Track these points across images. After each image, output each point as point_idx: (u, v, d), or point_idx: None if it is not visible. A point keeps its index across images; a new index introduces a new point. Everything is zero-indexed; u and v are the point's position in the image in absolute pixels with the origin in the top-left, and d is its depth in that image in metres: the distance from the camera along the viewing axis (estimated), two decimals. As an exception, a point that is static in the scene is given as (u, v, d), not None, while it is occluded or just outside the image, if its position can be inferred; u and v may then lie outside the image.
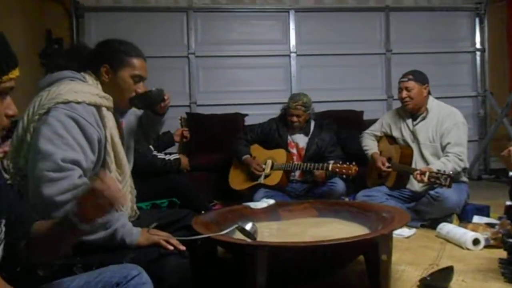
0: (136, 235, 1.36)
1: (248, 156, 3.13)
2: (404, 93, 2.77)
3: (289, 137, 3.12)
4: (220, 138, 3.85)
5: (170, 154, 2.83)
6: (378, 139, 3.05)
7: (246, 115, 4.22)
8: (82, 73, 1.48)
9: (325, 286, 1.72)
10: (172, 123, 3.97)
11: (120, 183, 1.49)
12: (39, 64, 4.15)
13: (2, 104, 0.85)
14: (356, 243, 1.47)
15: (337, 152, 3.05)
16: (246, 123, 4.15)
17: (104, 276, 1.04)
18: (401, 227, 1.75)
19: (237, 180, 3.21)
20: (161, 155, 2.64)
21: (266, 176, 3.06)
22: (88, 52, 1.55)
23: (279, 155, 3.09)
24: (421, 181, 2.42)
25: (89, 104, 1.39)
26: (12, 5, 3.73)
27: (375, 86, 4.65)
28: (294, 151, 3.12)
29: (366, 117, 4.20)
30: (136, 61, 1.53)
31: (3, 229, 0.92)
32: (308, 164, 2.88)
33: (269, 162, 3.09)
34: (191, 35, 4.43)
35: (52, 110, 1.33)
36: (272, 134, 3.14)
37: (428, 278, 1.70)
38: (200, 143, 3.92)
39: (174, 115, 4.24)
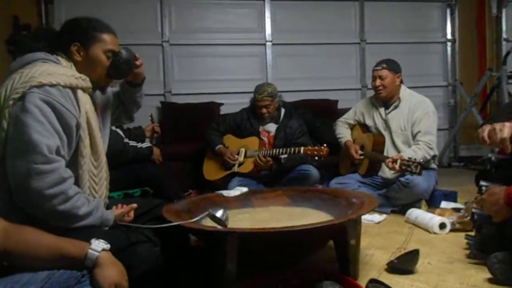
0: (111, 218, 1.43)
1: (221, 146, 3.13)
2: (378, 82, 2.81)
3: (260, 125, 3.13)
4: (195, 127, 3.83)
5: (142, 142, 2.80)
6: (352, 127, 3.10)
7: (222, 104, 4.21)
8: (55, 56, 1.43)
9: (296, 272, 1.74)
10: (145, 111, 3.94)
11: (96, 169, 1.46)
12: (6, 51, 4.01)
13: None
14: (325, 228, 1.49)
15: (303, 139, 3.04)
16: (222, 112, 4.13)
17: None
18: (369, 212, 1.79)
19: (211, 171, 3.20)
20: (133, 143, 2.61)
21: (240, 165, 3.06)
22: (56, 32, 1.50)
23: (252, 143, 3.10)
24: (392, 168, 2.48)
25: (65, 87, 1.34)
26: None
27: (349, 75, 4.70)
28: (265, 139, 3.13)
29: (340, 106, 4.24)
30: (106, 36, 1.49)
31: None
32: (280, 150, 2.90)
33: (242, 150, 3.10)
34: (165, 22, 4.35)
35: (27, 95, 1.28)
36: (244, 124, 3.15)
37: (395, 261, 1.75)
38: (176, 132, 3.89)
39: (149, 104, 4.20)
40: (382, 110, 2.91)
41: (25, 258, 1.05)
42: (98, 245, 1.07)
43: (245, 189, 2.15)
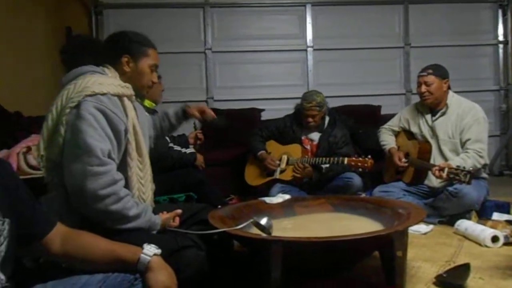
0: (159, 223, 1.49)
1: (263, 151, 3.14)
2: (423, 88, 2.73)
3: (303, 133, 3.11)
4: (237, 133, 3.87)
5: (186, 148, 2.87)
6: (396, 134, 3.02)
7: (263, 110, 4.24)
8: (101, 67, 1.54)
9: (340, 282, 1.72)
10: (190, 119, 4.03)
11: (141, 171, 1.54)
12: (59, 61, 4.23)
13: None
14: (371, 239, 1.46)
15: (346, 149, 2.99)
16: (263, 118, 4.16)
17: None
18: (416, 223, 1.73)
19: (253, 176, 3.23)
20: (177, 147, 2.69)
21: (282, 171, 3.06)
22: (105, 45, 1.62)
23: (295, 150, 3.09)
24: (439, 177, 2.39)
25: (113, 95, 1.45)
26: (34, 3, 3.82)
27: (393, 80, 4.59)
28: (308, 147, 3.11)
29: (383, 111, 4.16)
30: (152, 52, 1.61)
31: (7, 227, 0.95)
32: (324, 159, 2.87)
33: (285, 157, 3.10)
34: (208, 30, 4.45)
35: (82, 103, 1.39)
36: (287, 131, 3.14)
37: (444, 275, 1.69)
38: (217, 138, 3.94)
39: (192, 110, 4.31)
40: (428, 117, 2.82)
41: (82, 261, 1.11)
42: (150, 250, 1.11)
43: (287, 197, 2.15)
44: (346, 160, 2.75)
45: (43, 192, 1.52)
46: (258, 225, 1.53)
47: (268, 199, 2.08)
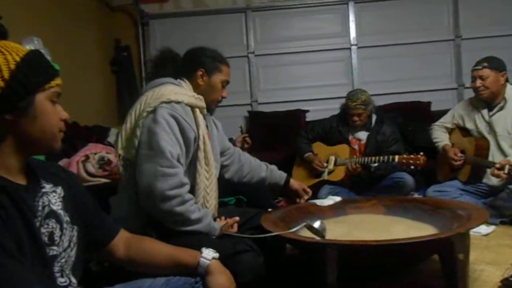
0: (218, 228, 1.54)
1: (310, 153, 3.12)
2: (478, 82, 2.60)
3: (350, 133, 3.06)
4: (282, 135, 3.88)
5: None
6: (450, 131, 2.90)
7: (308, 111, 4.21)
8: (178, 80, 1.66)
9: (397, 285, 1.68)
10: (236, 121, 4.09)
11: (207, 180, 1.59)
12: (110, 72, 4.45)
13: (55, 110, 0.94)
14: (430, 242, 1.41)
15: (396, 147, 2.90)
16: (308, 119, 4.13)
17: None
18: (479, 225, 1.65)
19: (300, 178, 3.20)
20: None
21: (330, 172, 3.03)
22: (183, 58, 1.73)
23: (342, 150, 3.04)
24: (498, 175, 2.27)
25: (187, 105, 1.55)
26: (86, 18, 4.03)
27: (443, 74, 4.38)
28: (356, 147, 3.05)
29: (434, 108, 4.00)
30: (225, 68, 1.72)
31: (76, 234, 1.00)
32: (373, 158, 2.80)
33: (332, 158, 3.06)
34: (250, 34, 4.49)
35: (158, 108, 1.49)
36: (333, 132, 3.10)
37: (511, 279, 1.60)
38: (263, 140, 3.97)
39: (237, 114, 4.37)
40: (485, 112, 2.68)
41: (145, 265, 1.15)
42: (209, 254, 1.14)
43: (338, 199, 2.12)
44: (396, 158, 2.67)
45: (102, 198, 1.60)
46: (311, 229, 1.52)
47: (319, 202, 2.07)
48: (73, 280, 0.97)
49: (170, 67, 1.68)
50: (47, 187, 0.97)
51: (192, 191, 1.53)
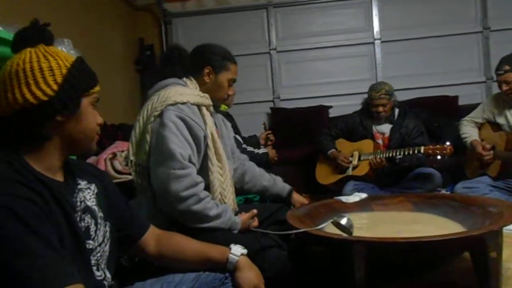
0: (239, 222, 1.55)
1: (333, 150, 3.09)
2: (505, 86, 2.55)
3: (374, 128, 3.02)
4: (305, 131, 3.86)
5: (258, 148, 2.91)
6: (480, 126, 2.82)
7: (331, 107, 4.17)
8: (184, 79, 1.65)
9: (426, 283, 1.65)
10: (258, 118, 4.10)
11: (222, 176, 1.59)
12: (134, 71, 4.53)
13: (95, 114, 0.99)
14: (461, 240, 1.38)
15: (421, 140, 2.84)
16: (331, 115, 4.10)
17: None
18: (511, 223, 1.60)
19: (324, 174, 3.19)
20: (250, 148, 2.73)
21: (354, 168, 3.00)
22: (190, 55, 1.72)
23: (366, 145, 3.00)
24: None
25: (193, 104, 1.55)
26: (111, 18, 4.11)
27: (470, 68, 4.25)
28: (380, 141, 3.01)
29: (461, 102, 3.90)
30: (233, 66, 1.70)
31: (109, 230, 1.03)
32: (397, 151, 2.76)
33: (356, 153, 3.03)
34: (272, 31, 4.47)
35: (164, 112, 1.50)
36: (356, 128, 3.07)
37: (546, 278, 1.55)
38: (286, 137, 3.96)
39: (259, 110, 4.37)
40: (516, 106, 2.60)
41: (174, 260, 1.17)
42: (237, 250, 1.15)
43: (364, 195, 2.09)
44: (422, 148, 2.61)
45: (129, 195, 1.64)
46: (338, 225, 1.51)
47: (344, 198, 2.05)
48: (108, 274, 1.00)
49: (177, 65, 1.67)
50: (82, 184, 1.00)
51: (208, 189, 1.54)
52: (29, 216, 0.78)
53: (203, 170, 1.57)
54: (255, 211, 1.67)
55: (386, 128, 3.00)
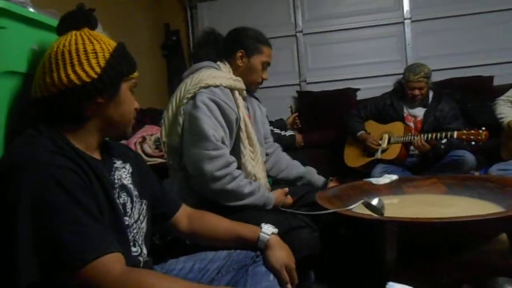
0: (273, 198, 1.58)
1: (363, 132, 3.04)
2: None
3: (405, 110, 2.94)
4: (332, 114, 3.81)
5: (285, 131, 2.90)
6: (516, 106, 2.71)
7: (358, 89, 4.09)
8: (218, 62, 1.65)
9: (461, 265, 1.61)
10: (285, 102, 4.07)
11: (253, 160, 1.61)
12: (161, 56, 4.56)
13: (132, 98, 1.02)
14: (499, 220, 1.34)
15: (456, 124, 2.75)
16: (359, 98, 4.02)
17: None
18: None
19: (352, 157, 3.15)
20: (277, 130, 2.72)
21: (383, 151, 2.94)
22: (225, 39, 1.72)
23: (396, 128, 2.93)
24: None
25: (225, 87, 1.55)
26: (137, 3, 4.14)
27: (507, 47, 4.06)
28: (411, 124, 2.93)
29: (497, 82, 3.74)
30: (267, 49, 1.68)
31: (144, 207, 1.06)
32: (429, 135, 2.68)
33: (386, 136, 2.96)
34: (298, 13, 4.40)
35: (197, 94, 1.51)
36: (386, 110, 2.99)
37: None
38: (313, 120, 3.93)
39: (285, 94, 4.34)
40: (557, 84, 2.48)
41: (206, 238, 1.19)
42: (268, 229, 1.16)
43: (394, 177, 2.05)
44: (455, 133, 2.53)
45: (159, 177, 1.67)
46: (369, 206, 1.49)
47: (374, 180, 2.02)
48: (144, 250, 1.03)
49: (212, 48, 1.68)
50: (118, 163, 1.03)
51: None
52: (73, 186, 0.81)
53: (235, 153, 1.58)
54: (286, 189, 1.69)
55: (419, 111, 2.91)
